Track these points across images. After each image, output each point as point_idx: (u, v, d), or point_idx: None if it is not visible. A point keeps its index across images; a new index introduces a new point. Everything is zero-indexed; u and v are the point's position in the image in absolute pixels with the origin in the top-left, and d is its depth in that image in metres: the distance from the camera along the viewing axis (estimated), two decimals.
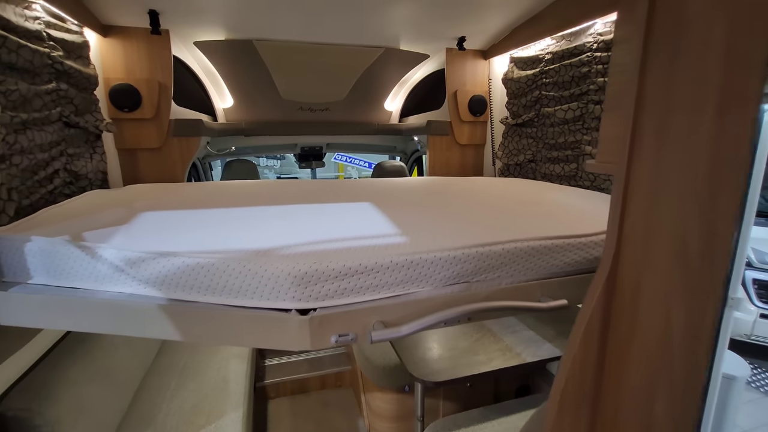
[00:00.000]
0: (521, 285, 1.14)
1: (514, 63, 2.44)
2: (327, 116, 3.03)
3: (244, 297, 1.00)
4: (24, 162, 1.34)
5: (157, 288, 1.02)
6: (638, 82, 0.56)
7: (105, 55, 2.02)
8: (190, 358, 2.08)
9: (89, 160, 1.80)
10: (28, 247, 1.07)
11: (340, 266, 0.99)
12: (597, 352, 0.66)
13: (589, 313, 0.64)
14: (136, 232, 1.17)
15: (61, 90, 1.59)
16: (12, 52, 1.30)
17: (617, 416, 0.66)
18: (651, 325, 0.59)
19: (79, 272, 1.06)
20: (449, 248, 1.08)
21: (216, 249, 1.03)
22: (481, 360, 1.74)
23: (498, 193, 1.91)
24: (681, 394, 0.56)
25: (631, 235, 0.61)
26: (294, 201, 1.63)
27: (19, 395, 1.25)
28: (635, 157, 0.58)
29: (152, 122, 2.16)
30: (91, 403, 1.42)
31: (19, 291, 1.05)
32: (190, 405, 1.72)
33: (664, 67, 0.53)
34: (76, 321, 1.04)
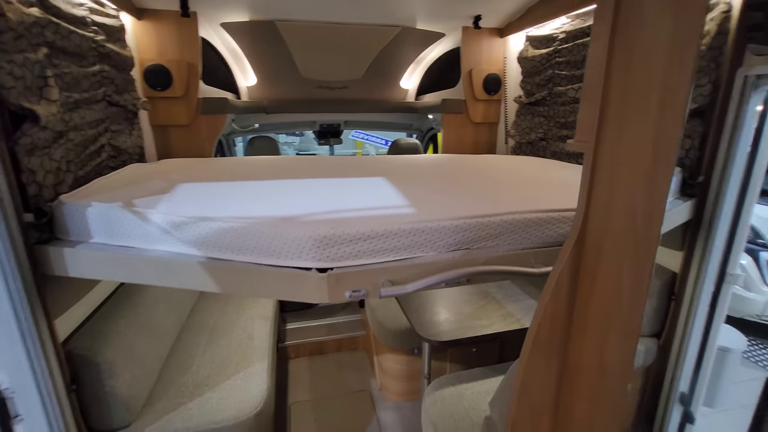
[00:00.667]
0: (517, 252, 1.26)
1: (529, 41, 2.47)
2: (345, 94, 3.12)
3: (271, 257, 1.16)
4: (77, 137, 1.51)
5: (197, 248, 1.19)
6: (605, 75, 0.66)
7: (139, 38, 2.17)
8: (219, 318, 2.30)
9: (129, 135, 1.97)
10: (89, 211, 1.25)
11: (354, 232, 1.13)
12: (566, 305, 0.78)
13: (559, 271, 0.76)
14: (178, 200, 1.33)
15: (104, 71, 1.74)
16: (64, 37, 1.45)
17: (581, 359, 0.79)
18: (608, 279, 0.71)
19: (132, 233, 1.23)
20: (452, 218, 1.20)
21: (246, 215, 1.19)
22: (483, 324, 1.88)
23: (506, 169, 2.01)
24: (627, 338, 0.69)
25: (596, 205, 0.72)
26: (314, 175, 1.78)
27: (81, 338, 1.47)
28: (601, 139, 0.69)
29: (182, 100, 2.32)
30: (137, 350, 1.64)
31: (83, 248, 1.24)
32: (221, 357, 1.94)
33: (625, 63, 0.63)
34: (130, 274, 1.23)
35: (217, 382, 1.76)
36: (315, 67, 2.88)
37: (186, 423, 1.55)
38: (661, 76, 0.58)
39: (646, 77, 0.63)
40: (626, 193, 0.66)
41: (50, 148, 1.33)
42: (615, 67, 0.66)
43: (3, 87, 1.14)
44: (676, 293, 2.01)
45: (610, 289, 0.71)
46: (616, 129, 0.67)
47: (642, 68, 0.62)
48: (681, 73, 0.55)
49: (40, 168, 1.27)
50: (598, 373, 0.75)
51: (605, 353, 0.72)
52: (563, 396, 0.85)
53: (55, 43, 1.41)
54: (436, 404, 1.66)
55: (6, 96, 1.15)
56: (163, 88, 2.25)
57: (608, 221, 0.70)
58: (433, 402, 1.67)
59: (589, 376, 0.77)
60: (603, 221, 0.71)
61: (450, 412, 1.60)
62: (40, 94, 1.29)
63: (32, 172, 1.24)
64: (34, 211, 1.24)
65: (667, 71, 0.57)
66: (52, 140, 1.34)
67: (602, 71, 0.67)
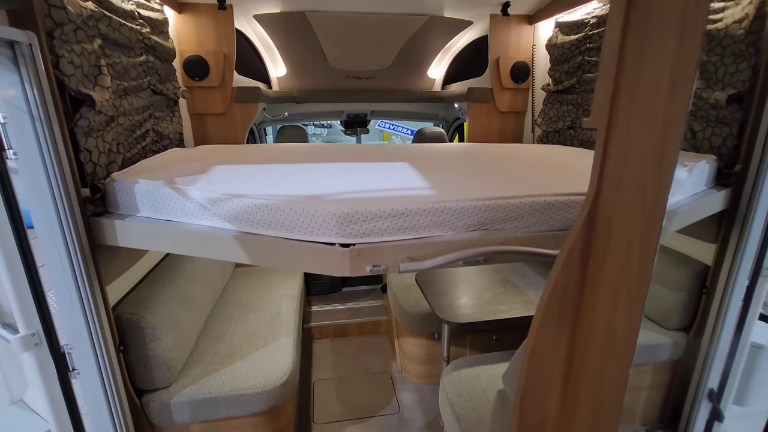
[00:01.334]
0: (535, 235, 1.29)
1: (558, 28, 2.43)
2: (372, 84, 3.17)
3: (298, 232, 1.24)
4: (126, 122, 1.65)
5: (231, 222, 1.29)
6: (618, 55, 0.68)
7: (179, 30, 2.30)
8: (249, 295, 2.44)
9: (170, 122, 2.11)
10: (137, 188, 1.37)
11: (375, 210, 1.19)
12: (577, 276, 0.82)
13: (571, 242, 0.79)
14: (214, 179, 1.44)
15: (149, 62, 1.88)
16: (115, 30, 1.58)
17: (591, 327, 0.82)
18: (617, 249, 0.73)
19: (174, 208, 1.35)
20: (471, 199, 1.24)
21: (276, 193, 1.27)
22: (502, 309, 1.91)
23: (531, 157, 2.01)
24: (633, 304, 0.71)
25: (608, 178, 0.74)
26: (340, 160, 1.85)
27: (129, 303, 1.62)
28: (614, 115, 0.71)
29: (218, 90, 2.44)
30: (177, 318, 1.78)
31: (131, 221, 1.37)
32: (251, 329, 2.07)
33: (638, 42, 0.65)
34: (172, 245, 1.35)
35: (247, 353, 1.88)
36: (343, 57, 2.95)
37: (219, 388, 1.68)
38: (671, 53, 0.60)
39: (657, 54, 0.65)
40: (636, 167, 0.68)
41: (103, 131, 1.46)
42: (629, 46, 0.69)
43: (64, 74, 1.27)
44: (708, 286, 1.96)
45: (619, 259, 0.73)
46: (628, 105, 0.69)
47: (653, 46, 0.64)
48: (690, 49, 0.57)
49: (95, 148, 1.41)
50: (607, 340, 0.78)
51: (614, 321, 0.75)
52: (574, 364, 0.88)
53: (107, 35, 1.54)
54: (453, 383, 1.71)
55: (67, 82, 1.28)
56: (200, 78, 2.38)
57: (619, 194, 0.73)
58: (450, 381, 1.73)
59: (598, 344, 0.80)
60: (614, 194, 0.74)
61: (467, 391, 1.65)
62: (95, 82, 1.42)
63: (89, 151, 1.37)
64: (89, 187, 1.37)
65: (677, 48, 0.59)
66: (104, 124, 1.47)
67: (616, 50, 0.70)
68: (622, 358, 0.75)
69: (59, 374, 1.43)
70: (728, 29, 1.65)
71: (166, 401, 1.62)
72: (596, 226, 0.78)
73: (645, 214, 0.67)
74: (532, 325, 0.87)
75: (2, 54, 1.09)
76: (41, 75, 1.17)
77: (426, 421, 2.27)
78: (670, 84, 0.61)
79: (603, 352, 0.79)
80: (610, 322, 0.76)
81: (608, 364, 0.79)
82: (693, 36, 0.55)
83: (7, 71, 1.12)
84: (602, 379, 0.81)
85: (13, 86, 1.14)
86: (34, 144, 1.19)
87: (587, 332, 0.83)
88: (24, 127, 1.18)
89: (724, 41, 1.67)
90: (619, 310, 0.74)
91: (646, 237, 0.67)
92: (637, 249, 0.69)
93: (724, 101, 1.67)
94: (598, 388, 0.82)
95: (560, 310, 0.84)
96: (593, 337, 0.82)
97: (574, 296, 0.82)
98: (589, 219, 0.78)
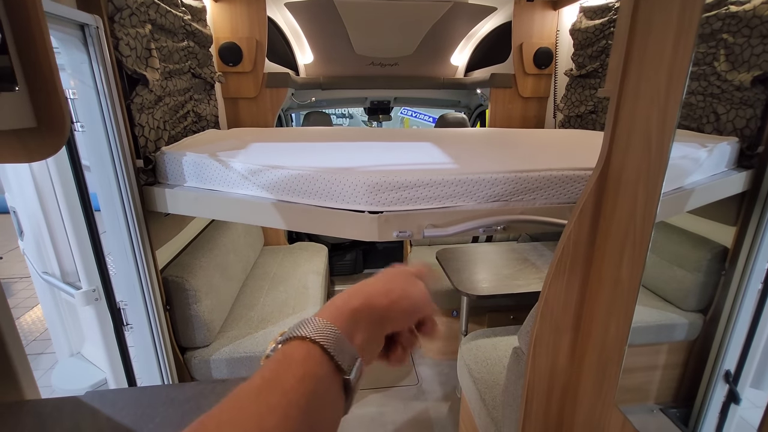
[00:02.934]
0: (554, 206, 1.36)
1: (583, 13, 2.44)
2: (396, 71, 3.24)
3: (331, 200, 1.35)
4: (171, 102, 1.79)
5: (270, 191, 1.41)
6: (630, 25, 0.75)
7: (216, 18, 2.44)
8: (278, 270, 2.59)
9: (207, 104, 2.26)
10: (184, 160, 1.51)
11: (402, 180, 1.29)
12: (588, 230, 0.89)
13: (584, 198, 0.87)
14: (252, 153, 1.57)
15: (190, 47, 2.01)
16: (162, 16, 1.72)
17: (599, 278, 0.90)
18: (625, 204, 0.80)
19: (217, 178, 1.48)
20: (492, 171, 1.32)
21: (310, 165, 1.38)
22: (520, 284, 1.98)
23: (551, 139, 2.06)
24: (638, 253, 0.79)
25: (619, 138, 0.81)
26: (367, 139, 1.95)
27: (174, 268, 1.77)
28: (625, 82, 0.78)
29: (250, 75, 2.58)
30: (215, 284, 1.93)
31: (179, 190, 1.51)
32: (281, 300, 2.21)
33: (647, 16, 0.72)
34: (216, 212, 1.49)
35: (278, 319, 2.02)
36: (368, 45, 3.03)
37: (253, 348, 1.82)
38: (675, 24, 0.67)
39: (663, 25, 0.72)
40: (643, 126, 0.75)
41: (153, 109, 1.60)
42: (639, 19, 0.76)
43: (122, 55, 1.41)
44: (726, 268, 1.98)
45: (626, 213, 0.81)
46: (637, 71, 0.77)
47: (660, 18, 0.71)
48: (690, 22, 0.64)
49: (147, 124, 1.55)
50: (613, 288, 0.86)
51: (620, 271, 0.83)
52: (584, 315, 0.96)
53: (156, 20, 1.67)
54: (471, 351, 1.80)
55: (124, 62, 1.42)
56: (234, 64, 2.52)
57: (627, 152, 0.80)
58: (468, 349, 1.82)
59: (606, 293, 0.88)
60: (623, 153, 0.81)
61: (484, 358, 1.74)
62: (146, 63, 1.56)
63: (141, 126, 1.52)
64: (143, 158, 1.52)
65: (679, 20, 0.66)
66: (154, 102, 1.61)
67: (628, 22, 0.77)
68: (626, 306, 0.83)
69: (115, 327, 1.60)
70: (756, 10, 1.65)
71: (206, 358, 1.78)
72: (607, 183, 0.86)
73: (650, 169, 0.74)
74: (546, 278, 0.95)
75: (75, 36, 1.23)
76: (105, 55, 1.31)
77: (444, 392, 2.38)
78: (673, 47, 0.68)
79: (609, 301, 0.87)
80: (616, 272, 0.83)
81: (614, 312, 0.87)
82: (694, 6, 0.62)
83: (77, 51, 1.26)
84: (608, 326, 0.89)
85: (82, 65, 1.28)
86: (98, 117, 1.34)
87: (596, 283, 0.91)
88: (90, 102, 1.32)
89: (752, 22, 1.68)
90: (625, 260, 0.81)
91: (650, 192, 0.74)
92: (642, 203, 0.76)
93: (749, 82, 1.68)
94: (604, 335, 0.90)
95: (572, 263, 0.92)
96: (601, 288, 0.90)
97: (585, 249, 0.90)
98: (602, 177, 0.86)
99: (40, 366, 2.69)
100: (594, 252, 0.89)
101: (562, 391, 1.05)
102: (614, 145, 0.82)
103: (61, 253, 1.66)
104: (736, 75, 1.75)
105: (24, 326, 3.22)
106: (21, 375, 0.88)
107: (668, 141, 0.69)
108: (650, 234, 0.73)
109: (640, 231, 0.76)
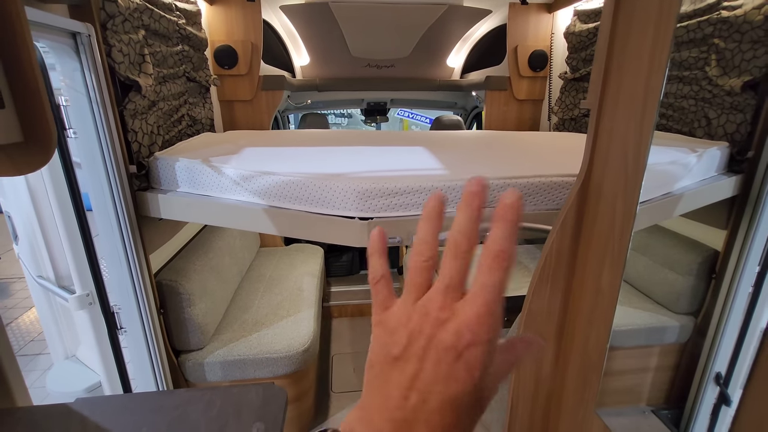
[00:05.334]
0: (542, 213, 1.37)
1: (577, 16, 2.45)
2: (392, 72, 3.25)
3: (321, 206, 1.36)
4: (165, 107, 1.80)
5: (261, 197, 1.42)
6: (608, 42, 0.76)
7: (211, 21, 2.44)
8: (273, 272, 2.60)
9: (202, 108, 2.27)
10: (177, 165, 1.52)
11: (391, 187, 1.30)
12: (570, 240, 0.91)
13: (566, 209, 0.89)
14: (245, 159, 1.58)
15: (185, 51, 2.02)
16: (156, 21, 1.72)
17: (582, 286, 0.91)
18: (605, 215, 0.82)
19: (209, 184, 1.49)
20: None
21: (302, 171, 1.40)
22: (511, 287, 1.99)
23: (543, 142, 2.07)
24: (617, 262, 0.80)
25: (599, 151, 0.83)
26: (360, 144, 1.96)
27: (168, 271, 1.79)
28: (605, 94, 0.80)
29: (246, 78, 2.58)
30: (209, 288, 1.95)
31: (172, 195, 1.52)
32: (275, 302, 2.23)
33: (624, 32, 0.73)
34: (208, 217, 1.50)
35: (272, 322, 2.04)
36: (364, 47, 3.04)
37: (247, 351, 1.84)
38: (650, 39, 0.68)
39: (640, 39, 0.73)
40: (621, 139, 0.77)
41: (146, 114, 1.61)
42: (617, 35, 0.77)
43: (115, 62, 1.42)
44: (717, 271, 1.99)
45: (605, 225, 0.82)
46: (616, 83, 0.78)
47: (637, 33, 0.73)
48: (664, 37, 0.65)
49: (140, 130, 1.56)
50: (594, 297, 0.87)
51: (600, 280, 0.84)
52: (567, 324, 0.98)
53: (149, 26, 1.68)
54: None
55: (117, 69, 1.43)
56: (230, 67, 2.52)
57: (606, 164, 0.81)
58: None
59: (587, 302, 0.90)
60: (603, 164, 0.82)
61: None
62: (139, 69, 1.57)
63: (135, 132, 1.53)
64: (136, 164, 1.53)
65: (655, 34, 0.67)
66: (147, 108, 1.62)
67: (607, 38, 0.78)
68: (606, 313, 0.84)
69: (109, 331, 1.62)
70: (747, 15, 1.66)
71: (200, 361, 1.80)
72: (588, 194, 0.87)
73: (627, 179, 0.75)
74: (529, 289, 0.97)
75: (66, 44, 1.24)
76: (98, 62, 1.32)
77: None
78: (649, 61, 0.69)
79: (590, 310, 0.89)
80: (597, 281, 0.85)
81: (594, 320, 0.88)
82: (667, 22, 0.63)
83: (69, 59, 1.27)
84: (589, 335, 0.90)
85: (74, 72, 1.29)
86: (91, 124, 1.35)
87: (578, 292, 0.93)
88: (82, 109, 1.34)
89: (742, 27, 1.69)
90: (605, 269, 0.83)
91: (628, 201, 0.76)
92: (620, 213, 0.78)
93: (739, 87, 1.69)
94: (585, 343, 0.91)
95: (554, 274, 0.93)
96: (583, 297, 0.91)
97: (567, 260, 0.92)
98: (583, 188, 0.87)
99: (38, 366, 2.71)
100: (576, 261, 0.91)
101: (546, 397, 1.06)
102: (595, 157, 0.84)
103: (56, 258, 1.67)
104: (727, 80, 1.76)
105: (22, 327, 3.24)
106: (12, 382, 0.90)
107: (644, 154, 0.70)
108: (627, 245, 0.75)
109: (618, 242, 0.77)
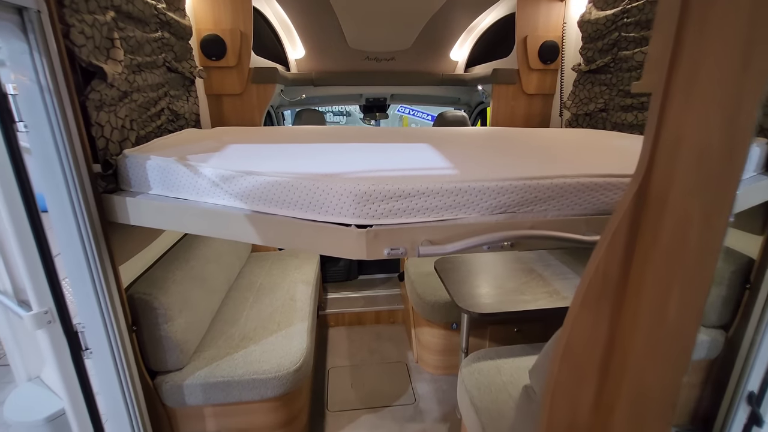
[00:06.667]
0: (567, 219, 1.18)
1: (593, 3, 2.27)
2: (392, 66, 3.07)
3: (313, 212, 1.17)
4: (140, 98, 1.61)
5: (243, 200, 1.23)
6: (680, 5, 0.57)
7: (196, 8, 2.25)
8: (264, 280, 2.41)
9: (186, 101, 2.07)
10: (148, 164, 1.33)
11: (394, 189, 1.11)
12: (621, 261, 0.72)
13: (616, 224, 0.70)
14: (227, 157, 1.39)
15: (165, 38, 1.83)
16: (129, 2, 1.53)
17: (635, 316, 0.73)
18: (672, 228, 0.63)
19: (185, 185, 1.30)
20: (496, 179, 1.15)
21: (290, 171, 1.21)
22: (526, 299, 1.81)
23: (560, 139, 1.88)
24: (692, 290, 0.62)
25: (663, 149, 0.64)
26: (359, 140, 1.77)
27: (143, 283, 1.60)
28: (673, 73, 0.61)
29: (235, 70, 2.39)
30: (190, 300, 1.76)
31: (142, 198, 1.33)
32: (266, 314, 2.04)
33: None
34: (183, 224, 1.30)
35: (262, 337, 1.85)
36: (363, 38, 2.85)
37: (232, 371, 1.65)
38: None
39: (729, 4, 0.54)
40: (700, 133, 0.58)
41: (116, 106, 1.42)
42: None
43: (75, 44, 1.23)
44: (752, 282, 1.81)
45: (675, 238, 0.63)
46: (692, 58, 0.59)
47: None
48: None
49: (108, 124, 1.37)
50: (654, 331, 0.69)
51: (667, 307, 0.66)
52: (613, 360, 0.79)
53: (120, 7, 1.49)
54: (473, 375, 1.63)
55: (77, 53, 1.24)
56: (218, 58, 2.33)
57: (675, 163, 0.62)
58: (470, 373, 1.65)
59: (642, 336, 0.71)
60: (670, 164, 0.63)
61: (487, 383, 1.57)
62: (107, 54, 1.38)
63: (100, 126, 1.34)
64: (101, 162, 1.34)
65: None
66: (118, 99, 1.43)
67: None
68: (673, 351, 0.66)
69: (72, 353, 1.42)
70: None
71: (179, 383, 1.61)
72: (646, 205, 0.68)
73: (709, 188, 0.57)
74: (568, 316, 0.78)
75: (10, 20, 1.05)
76: (50, 44, 1.13)
77: (443, 412, 2.21)
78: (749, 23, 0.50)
79: (649, 345, 0.70)
80: (661, 309, 0.66)
81: (656, 358, 0.70)
82: None
83: (15, 39, 1.08)
84: (646, 375, 0.72)
85: (22, 55, 1.10)
86: (43, 116, 1.16)
87: (630, 324, 0.74)
88: (33, 99, 1.14)
89: None
90: (674, 295, 0.64)
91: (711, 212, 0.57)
92: (698, 227, 0.59)
93: None
94: (640, 385, 0.73)
95: (599, 300, 0.75)
96: (637, 329, 0.72)
97: (616, 285, 0.73)
98: (638, 197, 0.68)
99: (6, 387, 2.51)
100: (628, 287, 0.72)
101: None
102: (657, 154, 0.65)
103: (13, 268, 1.48)
104: None
105: None
106: None
107: (742, 149, 0.52)
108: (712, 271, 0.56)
109: (696, 268, 0.58)
